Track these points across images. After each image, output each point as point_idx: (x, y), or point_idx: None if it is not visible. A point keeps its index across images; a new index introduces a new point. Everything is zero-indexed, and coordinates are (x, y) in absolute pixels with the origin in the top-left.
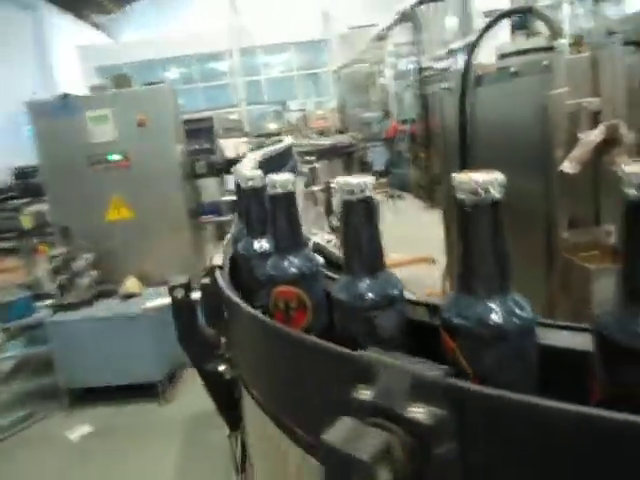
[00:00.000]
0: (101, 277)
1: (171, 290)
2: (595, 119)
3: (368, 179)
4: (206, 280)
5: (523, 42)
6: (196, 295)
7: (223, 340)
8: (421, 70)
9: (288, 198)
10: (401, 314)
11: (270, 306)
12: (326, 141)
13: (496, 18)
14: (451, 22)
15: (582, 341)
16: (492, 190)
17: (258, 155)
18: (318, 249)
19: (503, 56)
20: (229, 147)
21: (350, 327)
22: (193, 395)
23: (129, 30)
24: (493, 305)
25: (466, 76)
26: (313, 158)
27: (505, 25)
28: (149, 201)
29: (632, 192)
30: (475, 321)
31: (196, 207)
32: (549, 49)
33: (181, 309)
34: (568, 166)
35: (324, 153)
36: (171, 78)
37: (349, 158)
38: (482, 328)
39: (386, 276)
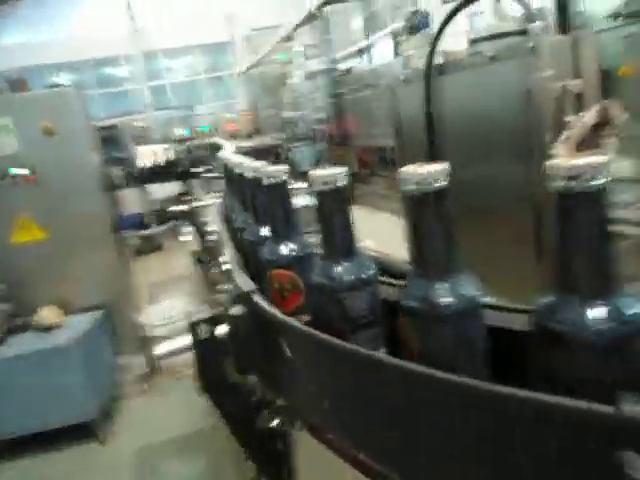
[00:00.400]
0: (14, 310)
1: (193, 327)
2: (578, 101)
3: (340, 170)
4: (238, 310)
5: (493, 27)
6: (221, 331)
7: (260, 386)
8: (332, 70)
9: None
10: (374, 296)
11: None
12: (250, 143)
13: (465, 2)
14: (357, 22)
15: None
16: (435, 181)
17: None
18: None
19: (474, 41)
20: (147, 154)
21: (325, 309)
22: (136, 429)
23: (10, 33)
24: (436, 286)
25: (429, 65)
26: None
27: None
28: (64, 218)
29: (558, 184)
30: (418, 300)
31: (117, 221)
32: (523, 32)
33: (207, 351)
34: (561, 150)
35: (251, 155)
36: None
37: (276, 159)
38: (423, 306)
39: (360, 260)
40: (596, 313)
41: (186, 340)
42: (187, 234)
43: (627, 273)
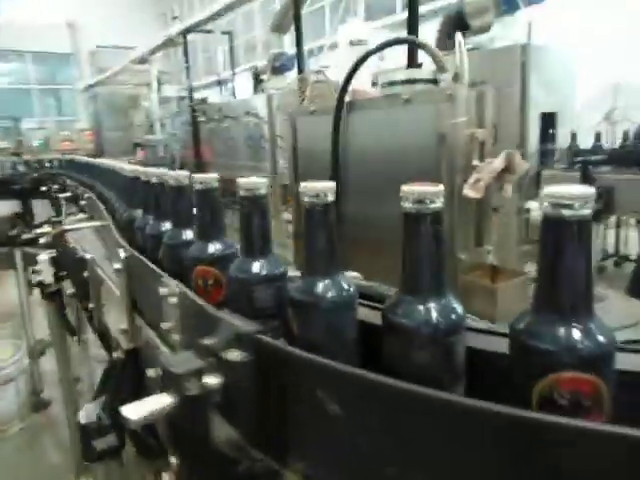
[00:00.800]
0: None
1: (179, 381)
2: (481, 148)
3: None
4: (237, 356)
5: (408, 72)
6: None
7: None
8: (191, 98)
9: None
10: (279, 290)
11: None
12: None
13: (379, 46)
14: (219, 54)
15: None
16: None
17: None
18: None
19: (390, 84)
20: None
21: (237, 299)
22: None
23: None
24: (309, 284)
25: (341, 101)
26: None
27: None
28: None
29: (408, 206)
30: (298, 294)
31: None
32: (434, 81)
33: (200, 412)
34: (471, 191)
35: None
36: None
37: None
38: (297, 302)
39: (274, 259)
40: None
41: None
42: (42, 263)
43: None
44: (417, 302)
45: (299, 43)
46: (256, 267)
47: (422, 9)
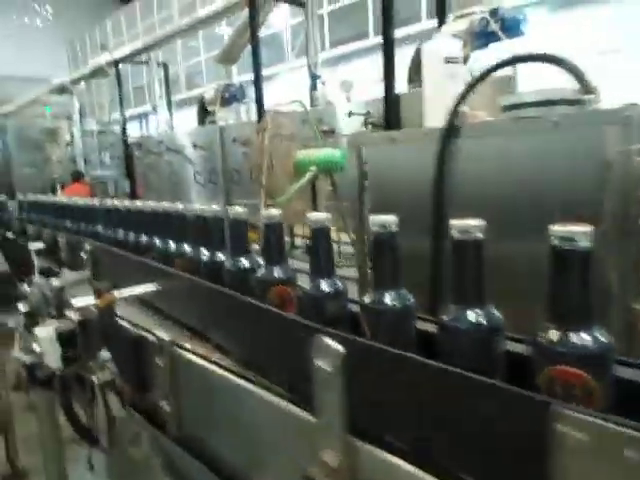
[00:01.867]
0: None
1: None
2: None
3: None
4: None
5: (546, 92)
6: None
7: None
8: (124, 131)
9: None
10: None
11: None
12: None
13: (504, 62)
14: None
15: None
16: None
17: None
18: None
19: (516, 106)
20: None
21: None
22: None
23: None
24: (463, 314)
25: (451, 127)
26: None
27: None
28: None
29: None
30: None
31: None
32: (577, 102)
33: None
34: None
35: None
36: None
37: None
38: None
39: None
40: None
41: None
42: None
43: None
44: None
45: (257, 74)
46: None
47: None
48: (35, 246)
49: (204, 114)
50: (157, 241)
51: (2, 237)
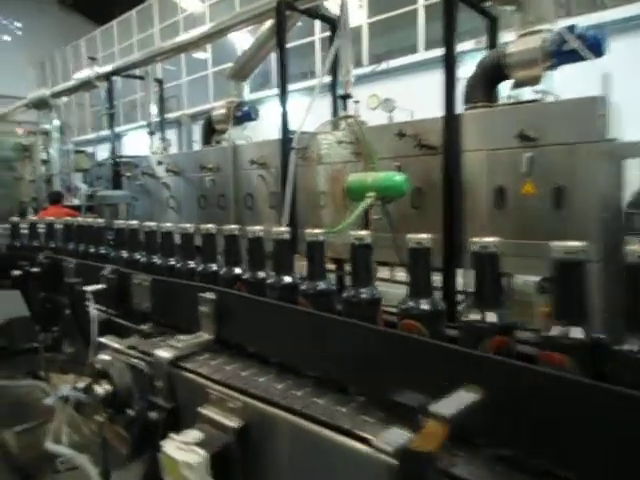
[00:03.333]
0: None
1: None
2: None
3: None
4: None
5: None
6: None
7: None
8: (114, 150)
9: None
10: None
11: None
12: None
13: None
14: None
15: None
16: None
17: None
18: None
19: None
20: None
21: None
22: None
23: None
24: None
25: None
26: None
27: None
28: None
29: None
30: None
31: None
32: None
33: None
34: None
35: None
36: None
37: None
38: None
39: None
40: None
41: None
42: None
43: None
44: None
45: (283, 89)
46: None
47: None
48: (92, 288)
49: (211, 133)
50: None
51: (25, 272)
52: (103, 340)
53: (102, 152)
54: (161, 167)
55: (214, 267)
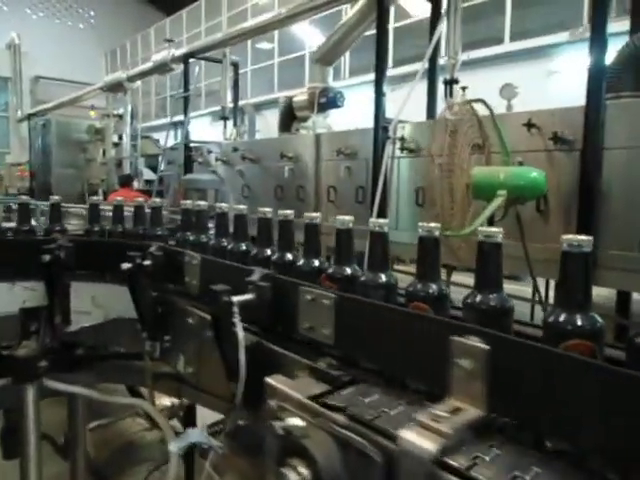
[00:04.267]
0: None
1: None
2: None
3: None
4: None
5: None
6: None
7: None
8: (187, 135)
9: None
10: None
11: None
12: None
13: None
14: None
15: None
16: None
17: None
18: None
19: None
20: None
21: None
22: None
23: None
24: None
25: None
26: None
27: None
28: None
29: None
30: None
31: None
32: None
33: None
34: None
35: None
36: None
37: None
38: None
39: None
40: None
41: None
42: None
43: None
44: None
45: (381, 74)
46: None
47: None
48: (239, 299)
49: (291, 120)
50: None
51: (136, 266)
52: (272, 383)
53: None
54: (236, 154)
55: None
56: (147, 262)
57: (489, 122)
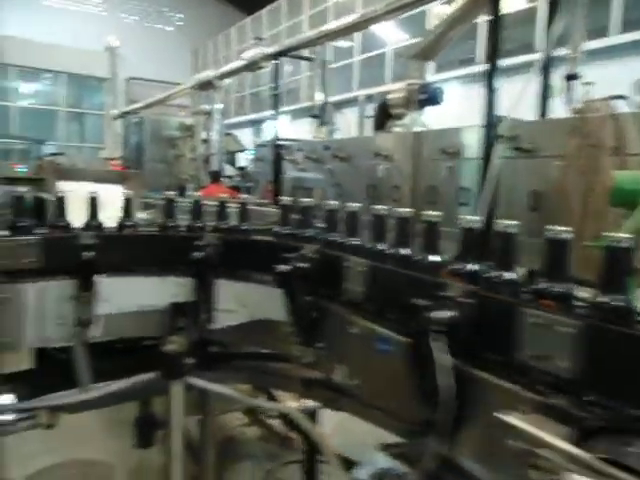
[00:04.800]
0: None
1: None
2: None
3: None
4: None
5: None
6: None
7: None
8: (276, 131)
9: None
10: None
11: None
12: None
13: None
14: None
15: None
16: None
17: None
18: None
19: None
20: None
21: None
22: None
23: None
24: None
25: None
26: None
27: None
28: None
29: None
30: None
31: None
32: None
33: None
34: None
35: None
36: None
37: None
38: None
39: None
40: None
41: None
42: None
43: None
44: None
45: (492, 67)
46: None
47: None
48: (440, 315)
49: (386, 118)
50: None
51: (292, 269)
52: (518, 423)
53: (245, 136)
54: (327, 152)
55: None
56: (302, 264)
57: (624, 121)
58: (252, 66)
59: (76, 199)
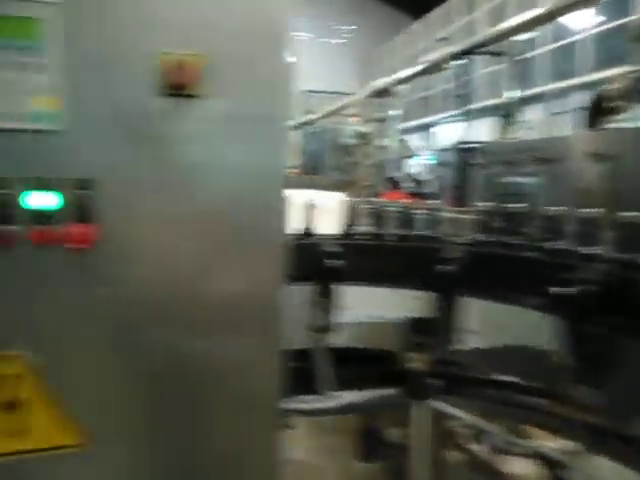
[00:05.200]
0: None
1: None
2: None
3: None
4: None
5: None
6: None
7: None
8: (461, 135)
9: None
10: None
11: None
12: None
13: None
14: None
15: None
16: None
17: None
18: None
19: None
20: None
21: None
22: None
23: None
24: None
25: None
26: None
27: None
28: None
29: None
30: None
31: None
32: None
33: None
34: None
35: None
36: None
37: None
38: None
39: None
40: None
41: None
42: None
43: None
44: None
45: None
46: None
47: None
48: None
49: (600, 114)
50: None
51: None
52: None
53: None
54: (522, 155)
55: None
56: (590, 287)
57: None
58: (433, 68)
59: (295, 205)
